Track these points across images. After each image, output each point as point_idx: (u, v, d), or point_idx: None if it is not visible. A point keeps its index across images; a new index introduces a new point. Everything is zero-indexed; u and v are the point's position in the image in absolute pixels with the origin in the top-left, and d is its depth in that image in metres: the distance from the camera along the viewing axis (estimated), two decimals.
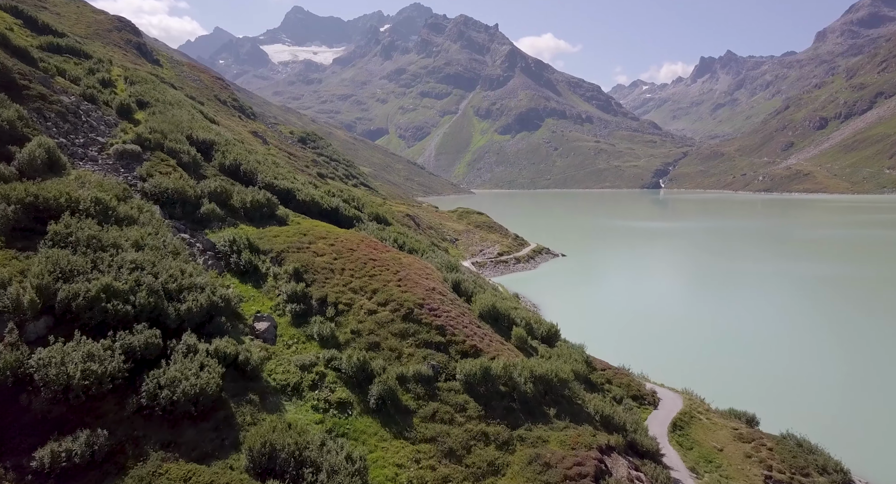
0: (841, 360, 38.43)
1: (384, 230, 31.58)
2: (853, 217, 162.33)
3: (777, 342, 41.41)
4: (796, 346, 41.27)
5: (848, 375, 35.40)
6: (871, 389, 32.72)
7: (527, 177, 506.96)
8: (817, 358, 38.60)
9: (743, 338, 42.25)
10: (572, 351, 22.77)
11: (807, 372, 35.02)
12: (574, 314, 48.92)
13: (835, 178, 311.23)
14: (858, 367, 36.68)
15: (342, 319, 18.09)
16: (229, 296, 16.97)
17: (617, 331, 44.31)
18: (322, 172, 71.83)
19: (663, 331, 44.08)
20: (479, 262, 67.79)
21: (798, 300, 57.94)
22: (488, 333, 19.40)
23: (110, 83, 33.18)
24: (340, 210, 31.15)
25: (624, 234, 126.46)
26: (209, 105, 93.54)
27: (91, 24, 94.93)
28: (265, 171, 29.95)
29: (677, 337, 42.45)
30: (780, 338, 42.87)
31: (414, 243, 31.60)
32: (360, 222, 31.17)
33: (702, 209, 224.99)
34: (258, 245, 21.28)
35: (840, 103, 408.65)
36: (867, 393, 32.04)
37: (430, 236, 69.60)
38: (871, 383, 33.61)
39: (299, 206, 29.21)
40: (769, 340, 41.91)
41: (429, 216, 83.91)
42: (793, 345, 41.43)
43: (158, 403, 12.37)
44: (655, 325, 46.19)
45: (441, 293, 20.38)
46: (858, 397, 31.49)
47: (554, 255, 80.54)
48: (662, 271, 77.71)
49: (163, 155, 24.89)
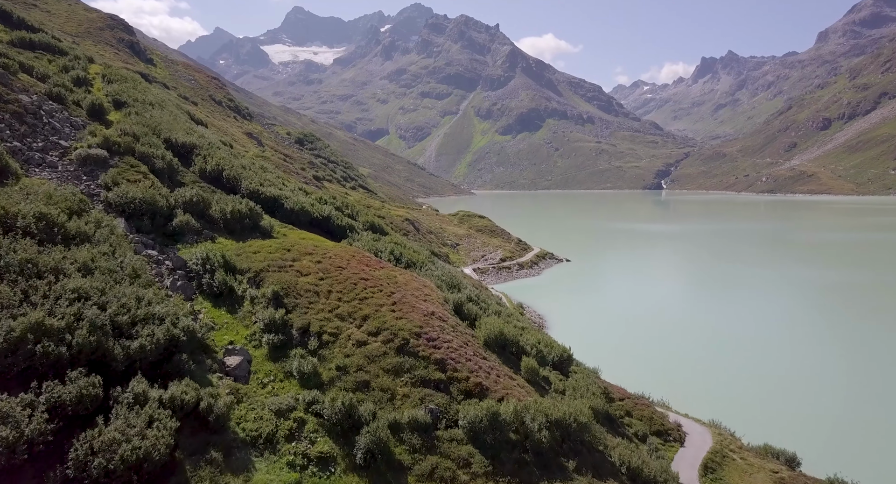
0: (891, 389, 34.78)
1: (379, 241, 29.17)
2: (862, 219, 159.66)
3: (812, 364, 37.94)
4: (833, 368, 38.13)
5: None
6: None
7: (528, 178, 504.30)
8: (861, 384, 34.66)
9: (771, 358, 38.76)
10: (588, 381, 20.34)
11: (851, 402, 31.01)
12: (582, 326, 46.50)
13: (839, 180, 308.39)
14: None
15: (326, 353, 15.68)
16: (194, 327, 14.55)
17: (628, 344, 41.84)
18: (318, 175, 69.45)
19: (678, 346, 41.58)
20: (480, 268, 65.35)
21: (830, 314, 54.23)
22: (495, 367, 16.98)
23: (85, 81, 30.77)
24: (332, 219, 28.75)
25: (627, 238, 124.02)
26: (203, 105, 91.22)
27: (82, 22, 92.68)
28: (250, 178, 27.54)
29: (694, 354, 39.92)
30: (814, 359, 39.06)
31: (412, 255, 29.19)
32: (354, 232, 28.76)
33: (705, 211, 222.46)
34: (235, 263, 18.87)
35: (843, 104, 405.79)
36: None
37: (430, 241, 67.18)
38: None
39: (287, 216, 26.83)
40: (802, 360, 38.48)
41: (429, 220, 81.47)
42: (828, 367, 38.24)
43: (89, 475, 9.98)
44: (668, 338, 43.72)
45: (441, 318, 17.97)
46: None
47: (558, 260, 78.09)
48: (670, 277, 75.27)
49: (133, 160, 22.49)
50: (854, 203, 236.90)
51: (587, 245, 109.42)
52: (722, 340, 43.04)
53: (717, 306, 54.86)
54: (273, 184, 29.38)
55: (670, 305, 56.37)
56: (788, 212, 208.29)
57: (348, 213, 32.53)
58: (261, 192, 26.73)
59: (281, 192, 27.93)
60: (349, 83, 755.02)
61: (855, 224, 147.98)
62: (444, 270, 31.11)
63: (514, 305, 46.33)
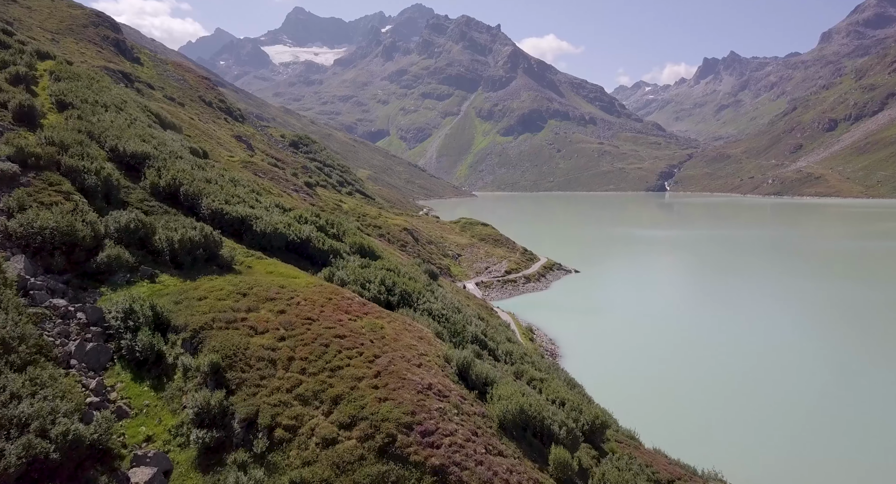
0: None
1: (369, 267, 24.66)
2: (879, 225, 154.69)
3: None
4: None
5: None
6: None
7: (529, 179, 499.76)
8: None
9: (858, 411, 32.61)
10: (631, 462, 15.79)
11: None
12: (599, 354, 41.85)
13: (848, 182, 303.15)
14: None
15: (279, 458, 11.12)
16: (80, 432, 9.99)
17: (656, 376, 37.19)
18: (311, 181, 64.97)
19: (707, 382, 36.93)
20: (484, 282, 60.78)
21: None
22: (515, 467, 12.41)
23: (26, 79, 26.28)
24: (312, 242, 24.26)
25: (634, 244, 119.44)
26: (192, 107, 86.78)
27: (65, 19, 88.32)
28: (214, 194, 23.02)
29: (727, 395, 35.21)
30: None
31: (406, 284, 24.64)
32: (339, 258, 24.23)
33: (711, 214, 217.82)
34: (169, 316, 14.33)
35: (850, 104, 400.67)
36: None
37: (431, 253, 62.66)
38: None
39: (257, 240, 22.33)
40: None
41: (429, 228, 76.91)
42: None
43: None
44: (693, 370, 39.11)
45: (440, 394, 13.42)
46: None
47: (566, 271, 73.52)
48: (686, 293, 70.66)
49: (55, 177, 17.97)
50: (865, 206, 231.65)
51: (594, 253, 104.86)
52: (760, 376, 38.38)
53: (747, 333, 49.92)
54: (243, 200, 24.85)
55: (691, 327, 51.69)
56: (798, 216, 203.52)
57: (333, 232, 27.98)
58: (225, 211, 22.21)
59: (251, 211, 23.38)
60: (350, 84, 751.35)
61: (870, 231, 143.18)
62: (445, 301, 26.56)
63: (524, 328, 41.75)
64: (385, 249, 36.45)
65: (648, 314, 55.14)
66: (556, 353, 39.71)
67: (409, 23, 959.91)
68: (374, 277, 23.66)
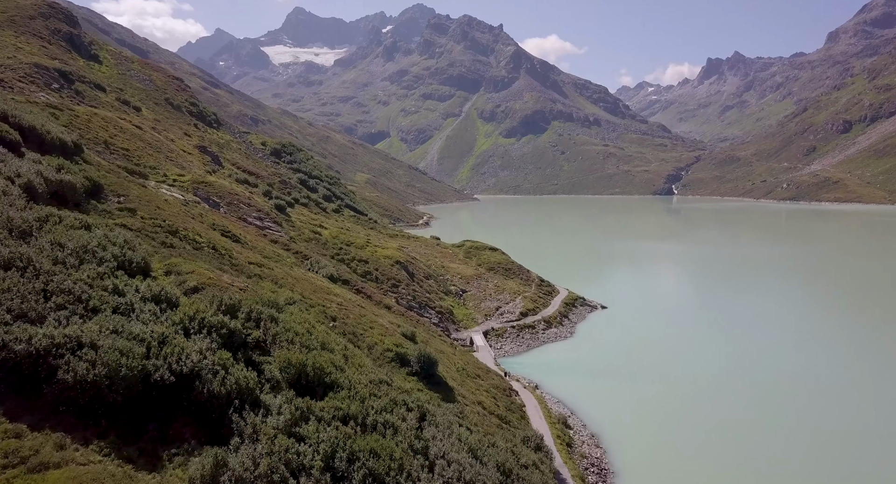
0: None
1: (307, 422, 13.10)
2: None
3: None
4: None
5: None
6: None
7: (533, 182, 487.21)
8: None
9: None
10: None
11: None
12: (668, 462, 29.97)
13: (868, 187, 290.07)
14: None
15: None
16: None
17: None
18: (281, 203, 53.09)
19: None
20: (496, 328, 49.02)
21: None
22: None
23: None
24: (203, 376, 12.75)
25: (656, 259, 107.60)
26: (154, 110, 74.94)
27: (8, 8, 76.57)
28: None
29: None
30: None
31: (378, 448, 13.03)
32: (250, 411, 12.60)
33: (726, 223, 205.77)
34: None
35: (865, 105, 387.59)
36: None
37: (429, 291, 50.88)
38: None
39: (68, 393, 10.80)
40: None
41: (427, 255, 65.11)
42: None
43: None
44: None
45: None
46: None
47: (591, 306, 61.75)
48: (753, 331, 58.90)
49: None
50: (892, 214, 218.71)
51: (616, 276, 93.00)
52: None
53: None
54: (76, 298, 13.15)
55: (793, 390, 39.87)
56: (821, 225, 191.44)
57: (254, 339, 16.27)
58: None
59: (76, 332, 11.71)
60: (350, 85, 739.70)
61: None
62: (447, 473, 14.79)
63: (553, 417, 29.90)
64: (361, 334, 24.71)
65: (710, 374, 43.36)
66: (603, 466, 27.90)
67: (410, 23, 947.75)
68: (311, 454, 12.10)
